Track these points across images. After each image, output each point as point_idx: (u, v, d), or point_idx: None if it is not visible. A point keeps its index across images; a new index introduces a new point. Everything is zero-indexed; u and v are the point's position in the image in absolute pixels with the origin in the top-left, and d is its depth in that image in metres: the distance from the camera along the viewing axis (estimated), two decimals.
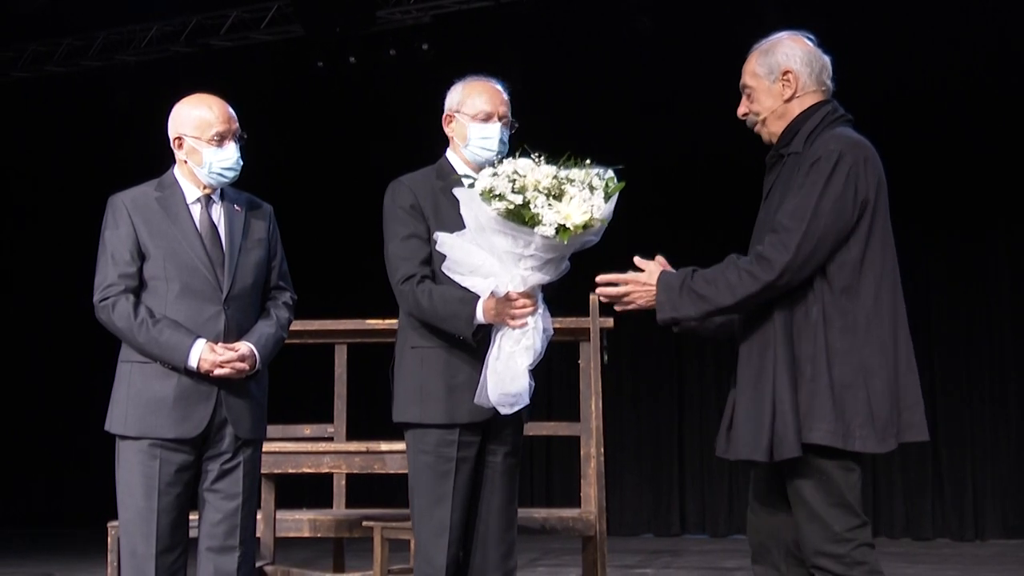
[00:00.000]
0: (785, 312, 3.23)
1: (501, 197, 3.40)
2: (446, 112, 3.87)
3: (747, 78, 3.44)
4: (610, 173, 3.49)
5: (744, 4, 8.32)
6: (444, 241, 3.59)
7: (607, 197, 3.43)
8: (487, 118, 3.81)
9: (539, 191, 3.38)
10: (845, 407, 3.17)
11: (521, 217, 3.39)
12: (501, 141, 3.80)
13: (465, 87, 3.86)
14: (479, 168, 3.83)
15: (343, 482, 5.65)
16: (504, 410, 3.59)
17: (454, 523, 3.70)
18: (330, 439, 5.56)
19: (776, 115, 3.40)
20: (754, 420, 3.22)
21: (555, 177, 3.40)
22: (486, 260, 3.53)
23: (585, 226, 3.38)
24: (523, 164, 3.45)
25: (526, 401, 3.60)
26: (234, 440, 3.77)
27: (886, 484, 9.21)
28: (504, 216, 3.42)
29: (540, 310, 3.58)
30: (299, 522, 5.13)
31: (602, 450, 5.21)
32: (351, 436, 5.55)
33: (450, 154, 3.88)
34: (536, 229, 3.39)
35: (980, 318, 9.20)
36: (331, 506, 5.65)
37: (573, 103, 9.69)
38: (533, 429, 5.83)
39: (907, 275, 10.22)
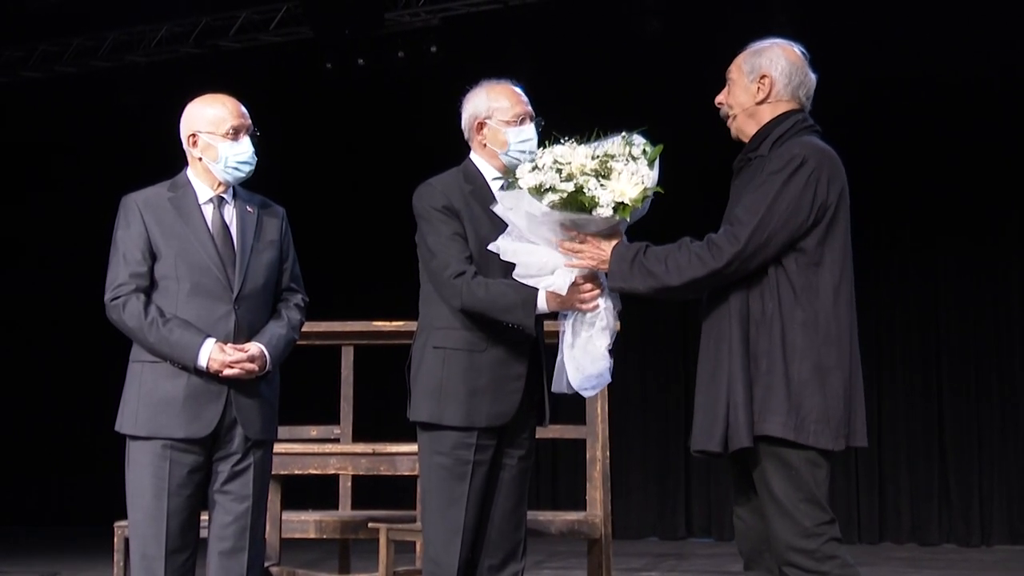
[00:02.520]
0: (742, 307, 3.30)
1: (553, 189, 3.36)
2: (474, 120, 3.83)
3: (732, 70, 3.52)
4: (639, 138, 3.45)
5: (754, 7, 8.33)
6: (506, 249, 3.53)
7: (650, 164, 3.41)
8: (522, 120, 3.82)
9: (587, 174, 3.35)
10: (802, 402, 3.23)
11: (578, 203, 3.35)
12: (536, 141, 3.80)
13: (489, 92, 3.84)
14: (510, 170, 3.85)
15: (349, 483, 5.66)
16: (587, 393, 3.58)
17: (467, 526, 3.69)
18: (336, 440, 5.57)
19: (747, 114, 3.47)
20: (709, 412, 3.29)
21: (595, 156, 3.37)
22: (550, 255, 3.49)
23: (643, 198, 3.37)
24: (560, 151, 3.41)
25: (608, 380, 3.58)
26: (244, 441, 3.77)
27: (892, 489, 9.20)
28: (560, 207, 3.38)
29: (605, 289, 3.55)
30: (305, 523, 5.13)
31: (607, 453, 5.22)
32: (357, 438, 5.55)
33: (475, 158, 3.86)
34: (595, 211, 3.35)
35: (989, 321, 9.18)
36: (337, 507, 5.66)
37: (582, 105, 9.68)
38: (539, 432, 5.83)
39: (915, 278, 10.19)
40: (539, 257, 3.49)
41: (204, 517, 3.82)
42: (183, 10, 9.58)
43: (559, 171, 3.36)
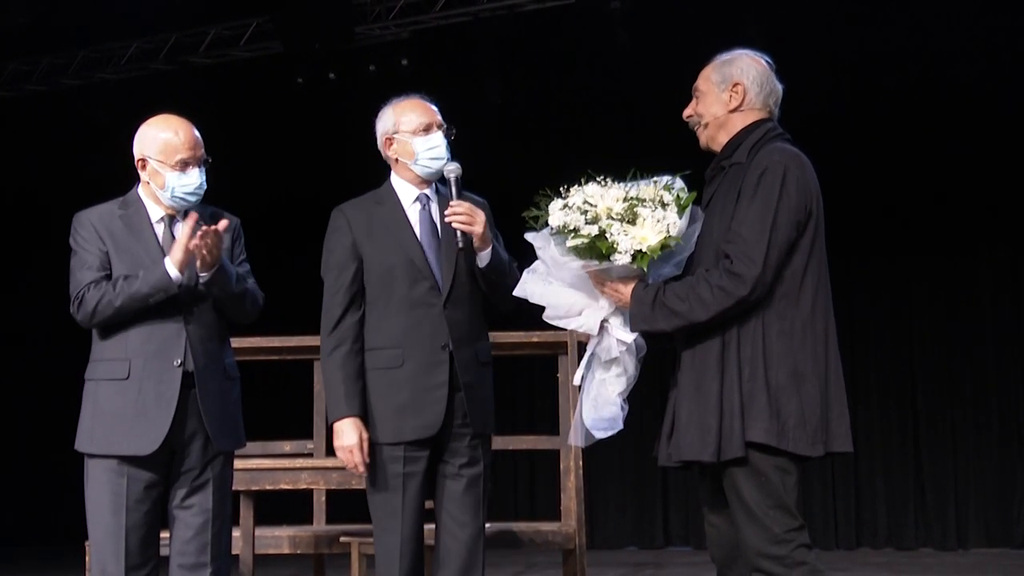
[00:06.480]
0: (726, 318, 3.30)
1: (576, 232, 3.31)
2: (383, 137, 3.97)
3: (700, 82, 3.54)
4: (680, 183, 3.40)
5: (723, 20, 8.36)
6: (532, 292, 3.51)
7: (680, 211, 3.34)
8: (428, 128, 3.90)
9: (612, 218, 3.29)
10: (780, 407, 3.25)
11: (597, 250, 3.30)
12: (447, 148, 3.90)
13: (394, 108, 3.96)
14: (428, 182, 3.90)
15: (323, 498, 5.66)
16: (598, 434, 3.53)
17: (405, 537, 3.76)
18: (310, 455, 5.56)
19: (718, 123, 3.49)
20: (699, 421, 3.29)
21: (626, 199, 3.31)
22: (577, 296, 3.47)
23: (662, 247, 3.29)
24: (591, 190, 3.35)
25: (619, 426, 3.51)
26: (202, 455, 3.77)
27: (869, 494, 9.24)
28: (580, 253, 3.34)
29: (630, 339, 3.47)
30: (279, 539, 5.13)
31: (581, 463, 5.22)
32: (330, 452, 5.54)
33: (393, 178, 3.99)
34: (613, 258, 3.29)
35: (962, 327, 9.23)
36: (312, 522, 5.65)
37: (551, 117, 9.71)
38: (513, 443, 5.85)
39: (889, 286, 10.17)
40: (566, 298, 3.47)
41: (166, 535, 3.82)
42: (153, 27, 9.55)
43: (585, 213, 3.31)
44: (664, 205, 3.32)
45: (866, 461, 9.18)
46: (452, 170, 3.86)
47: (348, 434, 3.78)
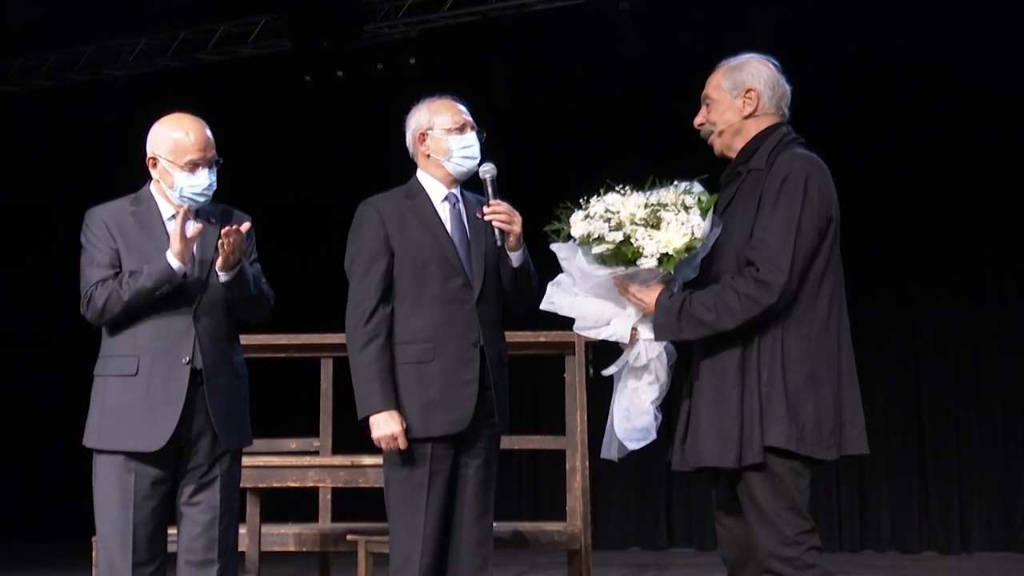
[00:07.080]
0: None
1: (601, 239, 3.32)
2: (417, 133, 3.96)
3: (710, 89, 3.53)
4: (698, 186, 3.41)
5: (731, 21, 8.36)
6: (561, 304, 3.51)
7: (703, 213, 3.34)
8: (462, 128, 3.93)
9: (636, 223, 3.30)
10: (799, 412, 3.26)
11: (623, 256, 3.31)
12: (479, 149, 3.92)
13: (429, 106, 3.97)
14: (459, 181, 3.89)
15: (329, 496, 5.66)
16: (631, 445, 3.52)
17: (427, 534, 3.75)
18: (316, 453, 5.57)
19: (733, 130, 3.49)
20: (719, 427, 3.29)
21: (647, 205, 3.33)
22: (604, 305, 3.46)
23: (688, 248, 3.30)
24: (611, 199, 3.37)
25: (653, 436, 3.49)
26: (210, 452, 3.78)
27: (873, 497, 9.23)
28: (607, 261, 3.34)
29: (659, 347, 3.46)
30: (284, 536, 5.13)
31: (587, 463, 5.23)
32: (337, 450, 5.55)
33: (421, 175, 3.99)
34: (639, 262, 3.29)
35: (966, 330, 9.22)
36: (319, 520, 5.66)
37: (559, 117, 9.71)
38: (519, 443, 5.85)
39: (892, 287, 10.14)
40: (594, 308, 3.47)
41: (173, 532, 3.83)
42: (161, 24, 9.56)
43: (608, 220, 3.33)
44: (687, 208, 3.33)
45: (870, 464, 9.15)
46: (488, 170, 3.89)
47: (390, 423, 3.75)
